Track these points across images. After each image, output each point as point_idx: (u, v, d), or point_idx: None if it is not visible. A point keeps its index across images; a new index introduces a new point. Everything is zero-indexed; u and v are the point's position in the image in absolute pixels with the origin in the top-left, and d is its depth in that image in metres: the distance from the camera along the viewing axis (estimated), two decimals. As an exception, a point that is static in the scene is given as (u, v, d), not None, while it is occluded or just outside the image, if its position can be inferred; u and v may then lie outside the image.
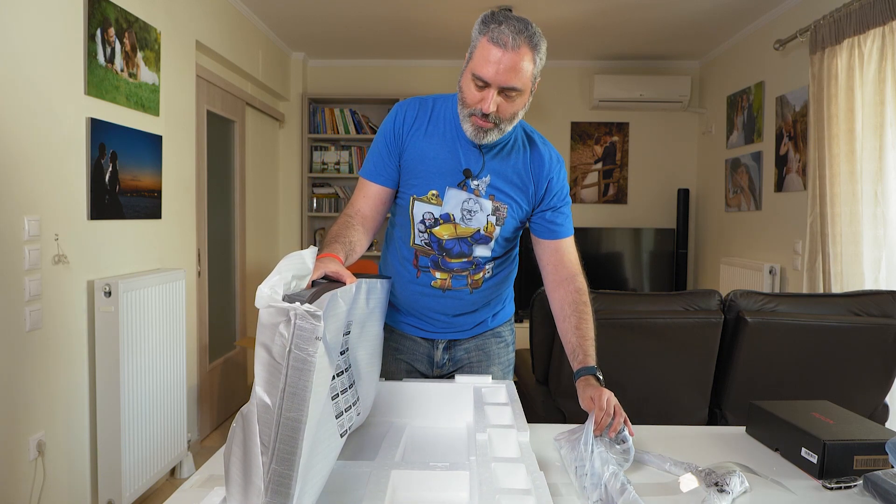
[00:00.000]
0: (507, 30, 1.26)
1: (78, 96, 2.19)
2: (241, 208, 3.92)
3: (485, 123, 1.33)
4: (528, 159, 1.46)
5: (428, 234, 1.46)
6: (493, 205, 1.44)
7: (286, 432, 0.77)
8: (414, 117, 1.45)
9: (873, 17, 2.67)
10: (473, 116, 1.33)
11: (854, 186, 2.80)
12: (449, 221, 1.44)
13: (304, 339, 0.79)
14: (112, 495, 2.31)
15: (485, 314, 1.61)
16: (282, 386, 0.78)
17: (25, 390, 1.99)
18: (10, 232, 1.91)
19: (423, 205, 1.44)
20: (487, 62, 1.26)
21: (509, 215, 1.46)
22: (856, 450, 1.07)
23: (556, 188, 1.49)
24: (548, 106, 4.92)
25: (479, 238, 1.46)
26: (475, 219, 1.44)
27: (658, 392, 2.14)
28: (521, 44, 1.27)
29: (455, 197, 1.42)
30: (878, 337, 2.06)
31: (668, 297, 2.15)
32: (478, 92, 1.30)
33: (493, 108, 1.29)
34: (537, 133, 1.52)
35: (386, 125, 1.46)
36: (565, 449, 1.12)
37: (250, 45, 3.82)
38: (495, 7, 3.65)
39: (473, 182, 1.42)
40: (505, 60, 1.26)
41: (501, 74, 1.26)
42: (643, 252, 4.76)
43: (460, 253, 1.47)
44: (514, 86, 1.28)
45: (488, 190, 1.43)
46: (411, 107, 1.46)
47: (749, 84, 4.00)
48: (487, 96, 1.29)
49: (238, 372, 3.92)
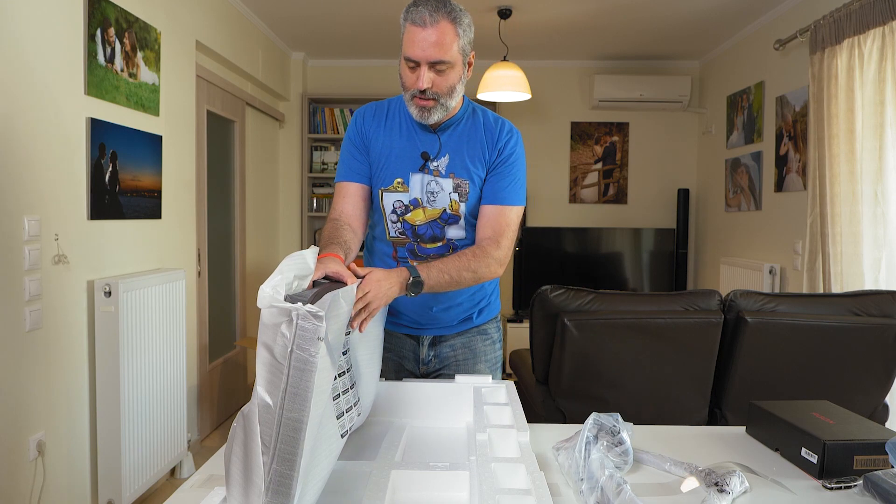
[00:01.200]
0: (424, 9, 1.35)
1: (78, 96, 2.19)
2: (241, 208, 3.93)
3: (425, 102, 1.41)
4: (482, 132, 1.53)
5: (401, 223, 1.52)
6: (454, 182, 1.50)
7: (287, 432, 0.77)
8: (372, 116, 1.55)
9: (873, 17, 2.67)
10: (415, 98, 1.42)
11: (854, 186, 2.80)
12: (418, 206, 1.50)
13: (306, 339, 0.79)
14: (112, 495, 2.31)
15: (469, 309, 1.62)
16: (283, 386, 0.78)
17: (25, 390, 1.99)
18: (10, 232, 1.91)
19: (392, 194, 1.51)
20: (413, 42, 1.36)
21: (471, 190, 1.51)
22: (856, 450, 1.07)
23: (504, 154, 1.53)
24: (548, 106, 4.92)
25: (447, 218, 1.51)
26: (439, 199, 1.50)
27: (658, 392, 2.14)
28: (440, 19, 1.35)
29: (419, 181, 1.50)
30: (878, 337, 2.06)
31: (668, 297, 2.15)
32: (411, 73, 1.40)
33: (426, 83, 1.38)
34: (492, 112, 1.59)
35: (349, 130, 1.56)
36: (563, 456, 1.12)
37: (250, 45, 3.83)
38: (495, 7, 3.66)
39: (433, 164, 1.50)
40: (427, 37, 1.35)
41: (426, 50, 1.35)
42: (643, 252, 4.76)
43: (433, 237, 1.52)
44: (441, 59, 1.36)
45: (448, 168, 1.50)
46: (369, 109, 1.57)
47: (749, 84, 4.00)
48: (419, 74, 1.38)
49: (238, 372, 3.92)
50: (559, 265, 4.72)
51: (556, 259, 4.72)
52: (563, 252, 4.74)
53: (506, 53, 4.19)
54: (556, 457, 1.14)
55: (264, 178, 4.44)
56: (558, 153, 4.95)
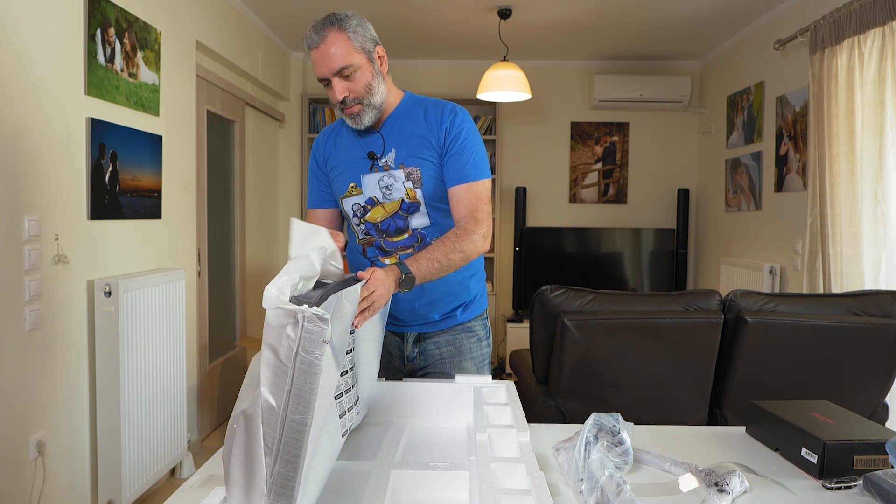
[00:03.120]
0: (312, 31, 1.44)
1: (78, 96, 2.19)
2: (241, 208, 3.92)
3: (351, 109, 1.48)
4: (422, 117, 1.57)
5: (363, 224, 1.57)
6: (405, 171, 1.53)
7: (291, 434, 0.77)
8: (325, 140, 1.65)
9: (873, 17, 2.67)
10: (343, 110, 1.49)
11: (854, 186, 2.80)
12: (375, 204, 1.55)
13: (312, 341, 0.79)
14: (112, 495, 2.31)
15: (450, 304, 1.63)
16: (287, 388, 0.78)
17: (25, 390, 1.99)
18: (10, 232, 1.91)
19: (349, 199, 1.57)
20: (315, 63, 1.45)
21: (424, 175, 1.53)
22: (856, 450, 1.07)
23: (453, 133, 1.55)
24: (548, 106, 4.92)
25: (407, 207, 1.55)
26: (395, 191, 1.54)
27: (658, 392, 2.14)
28: (326, 33, 1.43)
29: (371, 180, 1.55)
30: (878, 337, 2.06)
31: (668, 297, 2.15)
32: (330, 91, 1.47)
33: (341, 94, 1.45)
34: (431, 98, 1.62)
35: (310, 159, 1.68)
36: (563, 456, 1.12)
37: (250, 45, 3.82)
38: (494, 8, 3.66)
39: (381, 160, 1.55)
40: (321, 53, 1.43)
41: (325, 65, 1.43)
42: (643, 252, 4.76)
43: (397, 229, 1.56)
44: (341, 66, 1.43)
45: (396, 160, 1.54)
46: (322, 134, 1.67)
47: (749, 84, 4.00)
48: (332, 87, 1.46)
49: (238, 372, 3.92)
50: (559, 265, 4.72)
51: (556, 259, 4.72)
52: (563, 252, 4.74)
53: (506, 53, 4.19)
54: (556, 457, 1.14)
55: (264, 178, 4.44)
56: (558, 153, 4.95)
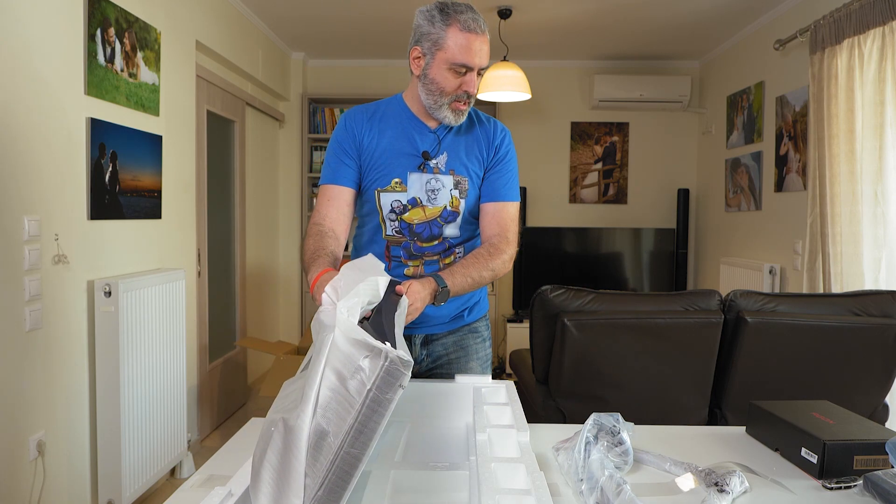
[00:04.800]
0: (473, 16, 1.38)
1: (78, 96, 2.19)
2: (241, 208, 3.92)
3: (464, 106, 1.44)
4: (478, 131, 1.56)
5: (399, 222, 1.52)
6: (454, 179, 1.51)
7: (344, 467, 0.76)
8: (363, 119, 1.53)
9: (873, 17, 2.67)
10: (456, 102, 1.43)
11: (854, 186, 2.80)
12: (416, 205, 1.51)
13: (389, 384, 0.77)
14: (112, 495, 2.31)
15: (459, 306, 1.63)
16: (351, 422, 0.76)
17: (25, 390, 1.99)
18: (10, 232, 1.91)
19: (389, 194, 1.51)
20: (469, 49, 1.37)
21: (470, 186, 1.53)
22: (856, 450, 1.07)
23: (501, 152, 1.56)
24: (548, 106, 4.92)
25: (447, 216, 1.52)
26: (440, 196, 1.51)
27: (658, 392, 2.14)
28: (485, 28, 1.41)
29: (418, 180, 1.50)
30: (878, 337, 2.06)
31: (668, 297, 2.15)
32: (457, 79, 1.40)
33: (475, 88, 1.42)
34: (481, 112, 1.63)
35: (338, 133, 1.54)
36: (563, 456, 1.12)
37: (250, 45, 3.82)
38: (494, 8, 3.66)
39: (432, 162, 1.51)
40: (480, 43, 1.38)
41: (481, 57, 1.39)
42: (643, 252, 4.76)
43: (431, 236, 1.53)
44: (487, 65, 1.43)
45: (447, 166, 1.51)
46: (358, 112, 1.55)
47: (749, 84, 4.00)
48: (471, 80, 1.41)
49: (238, 372, 3.92)
50: (559, 265, 4.72)
51: (556, 259, 4.72)
52: (563, 252, 4.74)
53: (506, 53, 4.19)
54: (556, 457, 1.14)
55: (264, 178, 4.44)
56: (558, 153, 4.95)
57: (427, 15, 1.40)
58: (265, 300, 4.52)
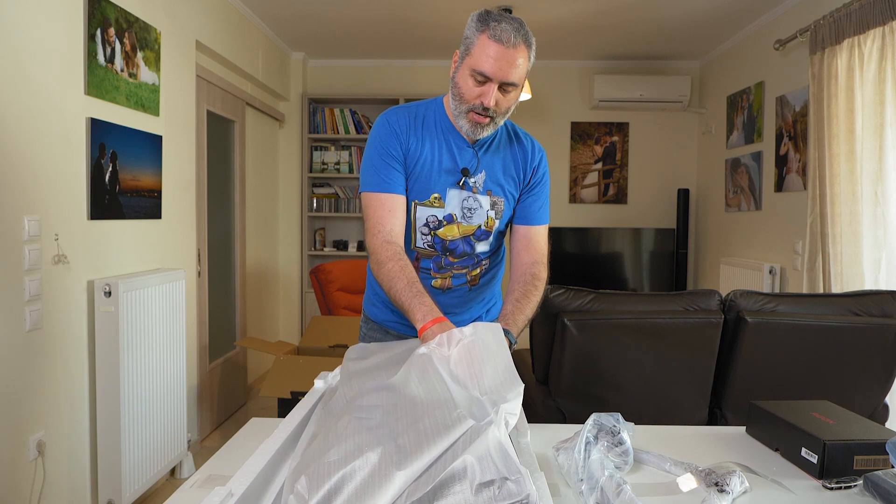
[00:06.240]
0: (507, 27, 1.31)
1: (78, 96, 2.19)
2: (241, 208, 3.92)
3: (482, 118, 1.37)
4: (516, 150, 1.52)
5: (432, 237, 1.48)
6: (491, 199, 1.48)
7: None
8: (407, 124, 1.45)
9: (873, 17, 2.67)
10: (472, 112, 1.37)
11: (854, 186, 2.80)
12: (452, 222, 1.47)
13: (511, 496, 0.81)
14: (112, 495, 2.31)
15: (479, 310, 1.63)
16: None
17: (25, 390, 1.99)
18: (10, 232, 1.91)
19: (426, 209, 1.46)
20: (489, 57, 1.30)
21: (506, 207, 1.51)
22: (856, 450, 1.06)
23: (538, 174, 1.54)
24: (548, 106, 4.92)
25: (480, 234, 1.50)
26: (476, 215, 1.47)
27: (658, 392, 2.14)
28: (520, 41, 1.32)
29: (456, 197, 1.46)
30: (878, 337, 2.06)
31: (668, 297, 2.15)
32: (476, 87, 1.34)
33: (493, 102, 1.34)
34: (519, 127, 1.58)
35: (384, 137, 1.43)
36: (563, 456, 1.12)
37: (250, 45, 3.82)
38: (494, 7, 3.66)
39: (471, 180, 1.46)
40: (507, 56, 1.30)
41: (503, 69, 1.31)
42: (643, 252, 4.76)
43: (463, 252, 1.50)
44: (512, 80, 1.33)
45: (485, 185, 1.48)
46: (399, 113, 1.46)
47: (749, 84, 4.00)
48: (488, 91, 1.33)
49: (238, 372, 3.92)
50: (559, 265, 4.71)
51: (556, 259, 4.72)
52: (563, 252, 4.74)
53: (506, 53, 4.18)
54: (556, 457, 1.14)
55: (264, 178, 4.44)
56: (558, 153, 4.95)
57: (471, 19, 1.36)
58: (265, 300, 4.52)
